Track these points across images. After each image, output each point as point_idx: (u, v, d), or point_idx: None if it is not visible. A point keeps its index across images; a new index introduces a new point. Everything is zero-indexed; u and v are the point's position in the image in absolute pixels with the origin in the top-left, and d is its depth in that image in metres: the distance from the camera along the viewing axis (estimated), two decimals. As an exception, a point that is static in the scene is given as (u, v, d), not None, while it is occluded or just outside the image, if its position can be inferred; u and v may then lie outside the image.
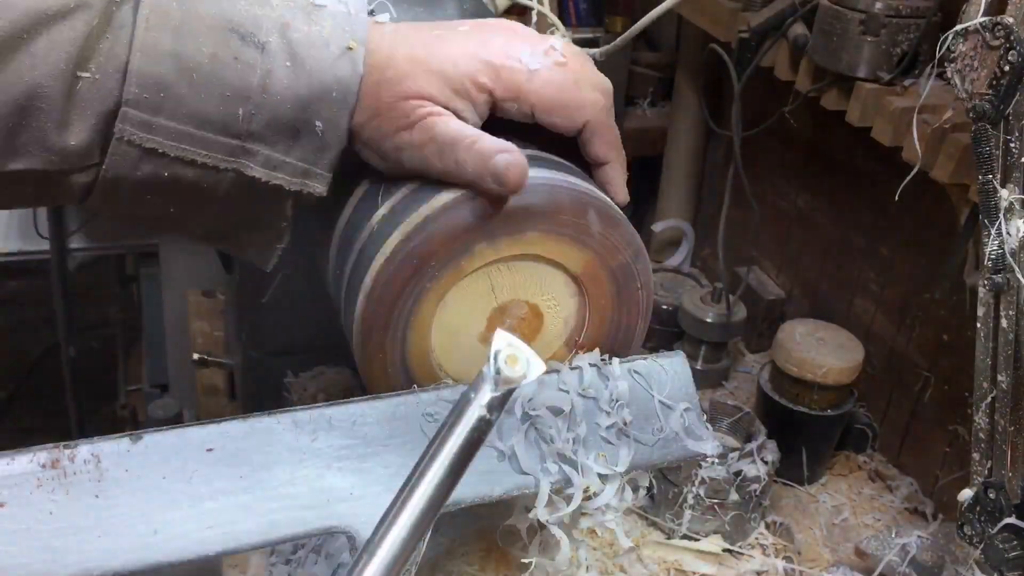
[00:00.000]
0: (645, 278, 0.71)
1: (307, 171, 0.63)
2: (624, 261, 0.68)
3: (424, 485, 0.46)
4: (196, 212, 0.64)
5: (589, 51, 1.12)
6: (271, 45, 0.60)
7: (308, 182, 0.64)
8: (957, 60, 0.72)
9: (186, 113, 0.58)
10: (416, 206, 0.64)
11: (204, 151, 0.60)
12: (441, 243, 0.63)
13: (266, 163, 0.62)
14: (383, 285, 0.64)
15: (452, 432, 0.45)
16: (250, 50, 0.59)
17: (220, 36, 0.59)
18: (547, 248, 0.66)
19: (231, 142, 0.60)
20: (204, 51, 0.58)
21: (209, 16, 0.59)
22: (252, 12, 0.60)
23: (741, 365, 1.43)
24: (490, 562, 0.90)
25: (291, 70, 0.60)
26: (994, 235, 0.71)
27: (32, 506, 0.52)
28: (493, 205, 0.63)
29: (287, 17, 0.61)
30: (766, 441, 1.10)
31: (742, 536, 1.09)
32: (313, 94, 0.61)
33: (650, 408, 0.69)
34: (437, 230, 0.63)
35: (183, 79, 0.58)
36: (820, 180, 1.35)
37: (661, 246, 1.69)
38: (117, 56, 0.57)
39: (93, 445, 0.53)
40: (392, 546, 0.46)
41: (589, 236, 0.66)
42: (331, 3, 0.63)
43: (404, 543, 0.46)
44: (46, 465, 0.52)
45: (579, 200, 0.65)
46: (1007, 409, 0.74)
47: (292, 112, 0.61)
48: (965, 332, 1.10)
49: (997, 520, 0.76)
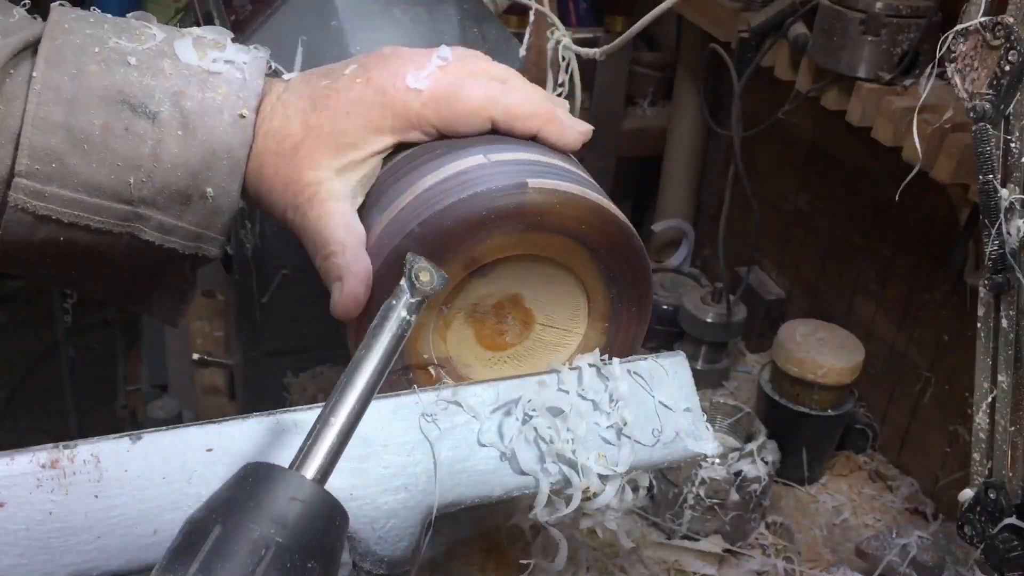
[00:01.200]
0: (645, 277, 0.71)
1: (200, 235, 0.64)
2: (623, 260, 0.68)
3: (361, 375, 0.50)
4: (96, 273, 0.66)
5: (589, 51, 1.13)
6: (163, 115, 0.61)
7: (202, 245, 0.65)
8: (957, 60, 0.72)
9: (78, 182, 0.60)
10: (409, 207, 0.64)
11: (98, 217, 0.61)
12: (433, 243, 0.63)
13: (159, 228, 0.63)
14: (376, 285, 0.63)
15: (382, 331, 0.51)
16: (141, 121, 0.60)
17: (112, 108, 0.60)
18: (545, 247, 0.66)
19: (124, 208, 0.61)
20: (96, 123, 0.59)
21: (101, 88, 0.60)
22: (144, 82, 0.61)
23: (741, 365, 1.43)
24: (490, 562, 0.90)
25: (182, 138, 0.61)
26: (994, 235, 0.71)
27: (32, 506, 0.52)
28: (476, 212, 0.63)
29: (181, 85, 0.62)
30: (766, 441, 1.10)
31: (742, 536, 1.09)
32: (204, 162, 0.62)
33: (650, 408, 0.68)
34: (428, 232, 0.62)
35: (75, 150, 0.59)
36: (820, 180, 1.35)
37: (661, 246, 1.69)
38: (10, 127, 0.58)
39: (93, 445, 0.53)
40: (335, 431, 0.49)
41: (588, 235, 0.66)
42: (228, 69, 0.64)
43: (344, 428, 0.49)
44: (46, 465, 0.52)
45: (578, 198, 0.65)
46: (1007, 409, 0.74)
47: (183, 179, 0.62)
48: (965, 332, 1.10)
49: (997, 520, 0.76)
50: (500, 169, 0.64)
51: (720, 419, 1.15)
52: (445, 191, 0.63)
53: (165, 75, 0.62)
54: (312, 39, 0.83)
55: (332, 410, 0.49)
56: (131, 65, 0.61)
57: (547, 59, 1.29)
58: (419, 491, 0.60)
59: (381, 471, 0.59)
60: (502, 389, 0.64)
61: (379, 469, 0.59)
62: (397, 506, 0.59)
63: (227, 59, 0.64)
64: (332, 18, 0.83)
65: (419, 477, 0.60)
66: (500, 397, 0.64)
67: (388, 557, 0.58)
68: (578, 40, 1.19)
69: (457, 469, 0.61)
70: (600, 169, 1.59)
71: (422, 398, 0.63)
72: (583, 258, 0.67)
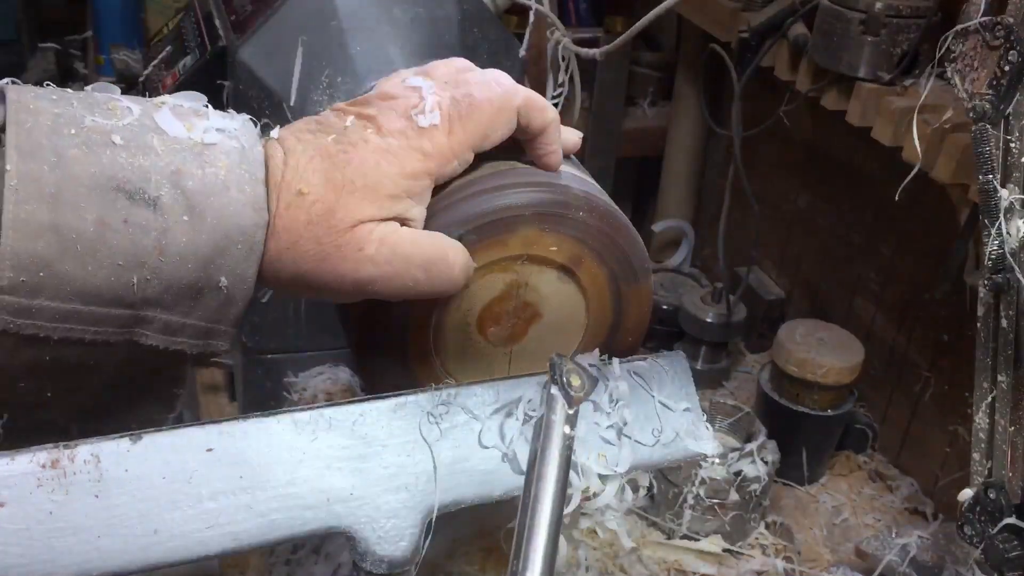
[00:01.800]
0: (645, 278, 0.71)
1: (210, 330, 0.56)
2: (623, 258, 0.68)
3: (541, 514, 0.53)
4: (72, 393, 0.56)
5: (589, 51, 1.13)
6: (164, 199, 0.52)
7: (212, 341, 0.57)
8: (957, 60, 0.72)
9: (71, 290, 0.50)
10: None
11: (93, 327, 0.52)
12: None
13: (164, 329, 0.55)
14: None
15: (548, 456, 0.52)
16: (141, 209, 0.51)
17: (104, 198, 0.50)
18: (543, 247, 0.66)
19: (124, 313, 0.52)
20: (88, 218, 0.50)
21: (88, 176, 0.50)
22: (137, 163, 0.52)
23: (741, 365, 1.43)
24: (490, 562, 0.90)
25: (189, 224, 0.53)
26: (994, 235, 0.71)
27: (32, 506, 0.52)
28: (483, 206, 0.63)
29: (177, 163, 0.53)
30: (766, 441, 1.10)
31: (742, 536, 1.09)
32: (217, 248, 0.54)
33: (650, 408, 0.68)
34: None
35: (66, 253, 0.49)
36: (820, 180, 1.35)
37: (661, 246, 1.69)
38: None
39: (93, 445, 0.53)
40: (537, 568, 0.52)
41: (588, 235, 0.66)
42: (222, 139, 0.56)
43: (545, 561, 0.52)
44: (46, 465, 0.52)
45: (577, 198, 0.65)
46: (1007, 409, 0.74)
47: (193, 272, 0.53)
48: (965, 332, 1.10)
49: (997, 520, 0.76)
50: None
51: (720, 419, 1.15)
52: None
53: (157, 153, 0.53)
54: (312, 39, 0.83)
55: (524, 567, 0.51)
56: (117, 145, 0.52)
57: (547, 59, 1.29)
58: (419, 491, 0.60)
59: (381, 471, 0.59)
60: (502, 389, 0.64)
61: (379, 469, 0.59)
62: (397, 506, 0.59)
63: (217, 127, 0.56)
64: (332, 18, 0.83)
65: (419, 477, 0.60)
66: (500, 397, 0.64)
67: (388, 557, 0.58)
68: (578, 40, 1.19)
69: (457, 469, 0.61)
70: (600, 169, 1.59)
71: (422, 398, 0.63)
72: (584, 258, 0.67)
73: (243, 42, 0.84)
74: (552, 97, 1.31)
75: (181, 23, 1.04)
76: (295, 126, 0.60)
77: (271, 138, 0.59)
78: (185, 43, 0.99)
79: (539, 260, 0.67)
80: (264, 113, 0.83)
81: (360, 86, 0.83)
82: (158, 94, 0.83)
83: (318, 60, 0.82)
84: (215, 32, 0.92)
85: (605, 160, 1.62)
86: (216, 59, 0.89)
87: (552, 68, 1.31)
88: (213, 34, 0.92)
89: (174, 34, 1.05)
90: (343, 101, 0.64)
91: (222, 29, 0.91)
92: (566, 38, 1.22)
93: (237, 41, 0.85)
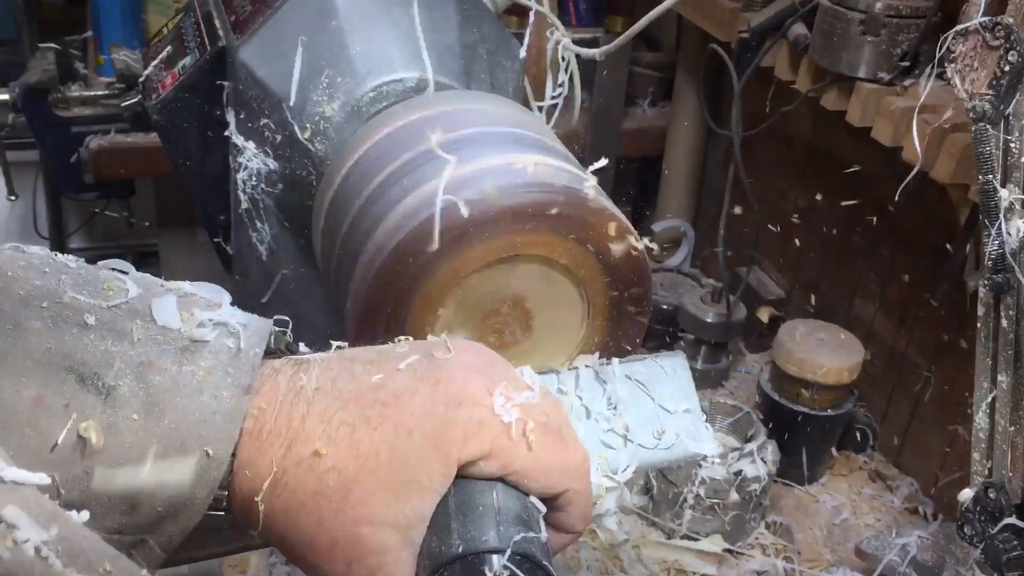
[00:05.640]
0: (645, 277, 0.71)
1: (139, 543, 0.47)
2: (623, 260, 0.68)
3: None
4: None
5: (589, 51, 1.12)
6: (121, 390, 0.46)
7: (134, 552, 0.47)
8: (957, 60, 0.72)
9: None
10: (404, 207, 0.64)
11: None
12: (429, 243, 0.63)
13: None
14: (376, 284, 0.64)
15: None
16: (88, 396, 0.45)
17: (51, 376, 0.45)
18: (542, 247, 0.66)
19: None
20: (25, 394, 0.44)
21: (42, 351, 0.45)
22: (103, 348, 0.46)
23: (741, 365, 1.43)
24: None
25: (140, 423, 0.46)
26: (994, 235, 0.71)
27: (32, 507, 0.51)
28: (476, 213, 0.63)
29: (152, 355, 0.47)
30: (766, 441, 1.10)
31: (742, 536, 1.09)
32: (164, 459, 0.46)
33: (650, 409, 0.68)
34: (418, 231, 0.62)
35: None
36: (820, 180, 1.35)
37: (661, 246, 1.69)
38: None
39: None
40: None
41: (587, 235, 0.66)
42: (217, 335, 0.49)
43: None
44: (46, 466, 0.52)
45: (576, 198, 0.65)
46: (1007, 409, 0.74)
47: (131, 479, 0.46)
48: (965, 332, 1.10)
49: (997, 520, 0.76)
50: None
51: (720, 419, 1.15)
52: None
53: (131, 340, 0.47)
54: (312, 39, 0.83)
55: None
56: (88, 326, 0.46)
57: (547, 59, 1.29)
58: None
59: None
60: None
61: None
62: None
63: (219, 320, 0.50)
64: (332, 18, 0.83)
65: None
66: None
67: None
68: (578, 40, 1.19)
69: (457, 469, 0.61)
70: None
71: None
72: (584, 259, 0.67)
73: (243, 42, 0.84)
74: (552, 97, 1.31)
75: (181, 23, 1.04)
76: (342, 352, 0.53)
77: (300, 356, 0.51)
78: (185, 43, 0.99)
79: (537, 260, 0.67)
80: (264, 113, 0.83)
81: (360, 86, 0.83)
82: (158, 94, 0.82)
83: (318, 60, 0.82)
84: (215, 32, 0.92)
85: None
86: (216, 59, 0.89)
87: (552, 68, 1.30)
88: (213, 34, 0.92)
89: (174, 34, 1.05)
90: (343, 102, 0.61)
91: (222, 29, 0.91)
92: (566, 38, 1.22)
93: (237, 41, 0.85)
